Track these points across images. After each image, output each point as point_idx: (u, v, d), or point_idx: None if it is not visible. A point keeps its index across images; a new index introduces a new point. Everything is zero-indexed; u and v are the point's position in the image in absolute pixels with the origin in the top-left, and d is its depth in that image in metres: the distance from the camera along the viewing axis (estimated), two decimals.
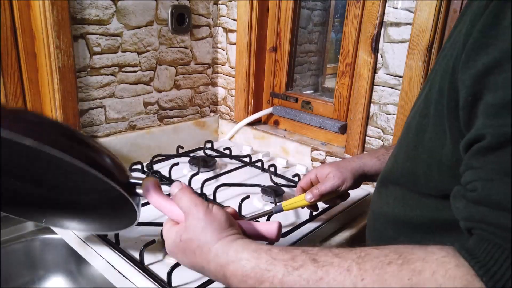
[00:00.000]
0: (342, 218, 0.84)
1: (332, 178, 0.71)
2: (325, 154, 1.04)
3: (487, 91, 0.35)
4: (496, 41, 0.35)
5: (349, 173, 0.71)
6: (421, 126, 0.48)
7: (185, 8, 1.11)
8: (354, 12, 0.94)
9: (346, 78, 0.99)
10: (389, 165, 0.57)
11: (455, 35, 0.45)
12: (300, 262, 0.39)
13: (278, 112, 1.18)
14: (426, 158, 0.47)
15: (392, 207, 0.54)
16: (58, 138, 0.46)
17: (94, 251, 0.69)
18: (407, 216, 0.51)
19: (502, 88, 0.34)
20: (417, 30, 0.82)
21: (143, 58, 1.06)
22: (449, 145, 0.43)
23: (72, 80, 0.92)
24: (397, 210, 0.53)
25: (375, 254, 0.37)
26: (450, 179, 0.43)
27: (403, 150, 0.52)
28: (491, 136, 0.34)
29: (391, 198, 0.55)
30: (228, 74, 1.25)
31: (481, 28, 0.37)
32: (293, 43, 1.14)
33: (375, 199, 0.60)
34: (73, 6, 0.90)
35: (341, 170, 0.71)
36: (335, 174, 0.71)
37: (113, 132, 1.06)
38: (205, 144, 1.13)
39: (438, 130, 0.44)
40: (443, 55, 0.46)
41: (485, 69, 0.35)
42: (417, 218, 0.50)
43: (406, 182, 0.52)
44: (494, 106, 0.34)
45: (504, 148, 0.33)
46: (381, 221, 0.57)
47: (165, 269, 0.61)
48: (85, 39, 0.94)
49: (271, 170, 0.95)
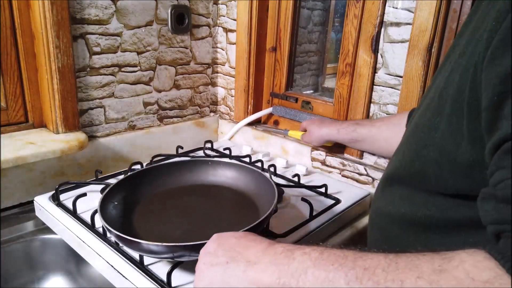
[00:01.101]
0: (342, 218, 0.84)
1: (307, 136, 1.00)
2: (325, 154, 1.04)
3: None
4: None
5: (315, 137, 0.98)
6: (432, 124, 0.47)
7: (185, 8, 1.11)
8: (354, 12, 0.94)
9: (346, 78, 0.99)
10: (395, 164, 0.56)
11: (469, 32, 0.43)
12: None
13: (278, 112, 1.18)
14: (437, 157, 0.46)
15: (398, 206, 0.53)
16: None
17: (94, 251, 0.69)
18: (414, 216, 0.50)
19: None
20: (417, 30, 0.82)
21: (142, 58, 1.06)
22: (466, 146, 0.41)
23: (72, 80, 0.92)
24: (403, 210, 0.52)
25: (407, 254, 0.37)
26: (465, 179, 0.42)
27: (412, 148, 0.51)
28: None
29: (397, 197, 0.54)
30: (228, 74, 1.25)
31: (509, 26, 0.36)
32: (293, 43, 1.14)
33: (379, 198, 0.59)
34: (72, 6, 0.89)
35: (312, 133, 0.98)
36: (308, 134, 1.00)
37: (112, 132, 1.06)
38: (205, 144, 1.13)
39: (453, 129, 0.43)
40: (459, 52, 0.44)
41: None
42: (425, 218, 0.49)
43: (413, 181, 0.51)
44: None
45: None
46: (386, 221, 0.56)
47: (165, 269, 0.61)
48: (84, 39, 0.94)
49: (271, 170, 0.95)
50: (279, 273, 0.42)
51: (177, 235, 0.68)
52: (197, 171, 0.83)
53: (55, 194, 0.82)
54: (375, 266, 0.36)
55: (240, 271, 0.45)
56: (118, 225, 0.67)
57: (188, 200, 0.78)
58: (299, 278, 0.40)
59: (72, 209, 0.78)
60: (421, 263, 0.35)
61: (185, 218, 0.73)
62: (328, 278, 0.38)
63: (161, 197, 0.78)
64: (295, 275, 0.41)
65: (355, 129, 0.88)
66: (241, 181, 0.80)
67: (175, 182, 0.81)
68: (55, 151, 0.87)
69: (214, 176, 0.82)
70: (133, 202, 0.75)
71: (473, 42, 0.41)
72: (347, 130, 0.89)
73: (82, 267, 0.88)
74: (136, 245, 0.58)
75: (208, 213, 0.74)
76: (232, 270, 0.46)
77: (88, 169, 1.01)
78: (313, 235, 0.76)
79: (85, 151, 0.97)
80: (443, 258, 0.34)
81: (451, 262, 0.33)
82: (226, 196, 0.78)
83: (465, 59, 0.42)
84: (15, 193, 0.91)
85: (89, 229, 0.73)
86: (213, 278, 0.47)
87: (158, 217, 0.73)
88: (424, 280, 0.33)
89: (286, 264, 0.42)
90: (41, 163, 0.92)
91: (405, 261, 0.35)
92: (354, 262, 0.38)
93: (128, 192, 0.75)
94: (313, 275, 0.39)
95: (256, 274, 0.44)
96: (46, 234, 0.87)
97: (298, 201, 0.85)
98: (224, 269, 0.46)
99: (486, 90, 0.37)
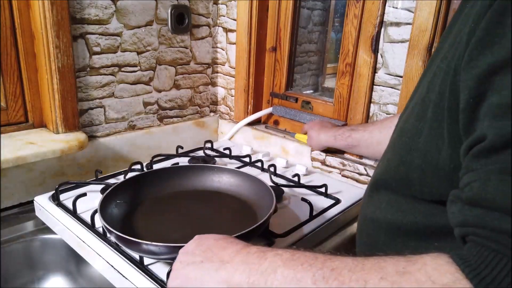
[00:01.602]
0: (342, 218, 0.84)
1: (309, 141, 1.03)
2: (325, 154, 1.04)
3: (491, 92, 0.34)
4: (501, 40, 0.34)
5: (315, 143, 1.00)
6: (416, 129, 0.46)
7: (185, 8, 1.11)
8: (354, 12, 0.94)
9: (346, 78, 0.99)
10: (382, 169, 0.55)
11: (453, 35, 0.43)
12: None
13: (278, 112, 1.18)
14: (421, 163, 0.45)
15: (385, 212, 0.52)
16: None
17: (94, 251, 0.69)
18: (401, 222, 0.49)
19: (508, 88, 0.32)
20: (417, 30, 0.82)
21: (142, 58, 1.06)
22: (447, 150, 0.41)
23: (72, 80, 0.92)
24: (390, 216, 0.51)
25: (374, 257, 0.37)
26: (447, 184, 0.42)
27: (397, 154, 0.50)
28: (493, 137, 0.32)
29: (384, 203, 0.53)
30: (228, 74, 1.25)
31: (486, 26, 0.36)
32: (293, 43, 1.14)
33: (367, 204, 0.58)
34: (72, 6, 0.89)
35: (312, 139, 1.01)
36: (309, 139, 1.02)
37: (112, 132, 1.06)
38: (204, 144, 1.12)
39: (435, 134, 0.43)
40: (442, 56, 0.44)
41: (490, 69, 0.34)
42: (411, 224, 0.48)
43: (399, 186, 0.50)
44: (500, 106, 0.33)
45: (507, 148, 0.32)
46: (373, 227, 0.55)
47: (165, 269, 0.61)
48: (84, 39, 0.94)
49: (271, 170, 0.95)
50: (249, 272, 0.42)
51: (174, 237, 0.68)
52: (202, 176, 0.84)
53: (55, 194, 0.82)
54: (342, 267, 0.37)
55: (213, 270, 0.45)
56: (118, 225, 0.67)
57: (189, 204, 0.78)
58: (268, 277, 0.41)
59: (72, 209, 0.78)
60: (387, 265, 0.35)
61: (184, 222, 0.73)
62: (296, 277, 0.39)
63: (163, 199, 0.79)
64: (265, 274, 0.41)
65: (350, 134, 0.90)
66: (243, 189, 0.81)
67: (178, 186, 0.82)
68: (55, 151, 0.87)
69: (218, 183, 0.83)
70: (135, 203, 0.75)
71: (454, 45, 0.41)
72: (343, 136, 0.91)
73: (82, 267, 0.88)
74: (135, 245, 0.58)
75: (208, 218, 0.75)
76: (205, 269, 0.46)
77: (88, 169, 1.01)
78: (313, 235, 0.76)
79: (85, 151, 0.97)
80: (408, 261, 0.34)
81: (414, 265, 0.34)
82: (227, 202, 0.79)
83: (446, 63, 0.41)
84: (15, 193, 0.91)
85: (89, 229, 0.73)
86: (186, 277, 0.47)
87: (158, 219, 0.73)
88: (387, 281, 0.34)
89: (257, 264, 0.42)
90: (41, 163, 0.92)
91: (371, 262, 0.36)
92: (323, 263, 0.38)
93: (131, 193, 0.76)
94: (282, 274, 0.40)
95: (227, 273, 0.44)
96: (46, 234, 0.87)
97: (298, 201, 0.85)
98: (198, 268, 0.47)
99: (463, 93, 0.37)
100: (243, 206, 0.78)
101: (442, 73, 0.42)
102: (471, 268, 0.31)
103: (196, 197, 0.81)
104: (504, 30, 0.34)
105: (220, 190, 0.82)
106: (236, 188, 0.82)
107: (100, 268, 0.69)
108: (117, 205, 0.72)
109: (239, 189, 0.81)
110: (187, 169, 0.85)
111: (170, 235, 0.69)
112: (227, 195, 0.81)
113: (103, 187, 0.85)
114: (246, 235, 0.59)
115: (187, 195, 0.81)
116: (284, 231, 0.73)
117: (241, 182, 0.82)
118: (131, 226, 0.70)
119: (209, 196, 0.81)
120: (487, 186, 0.32)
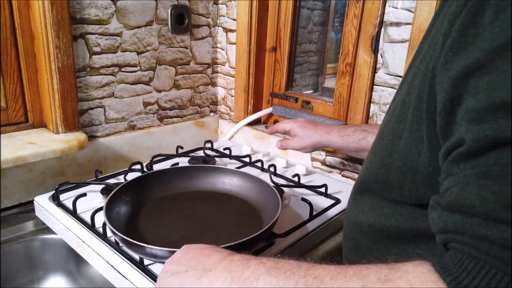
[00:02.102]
0: (342, 218, 0.84)
1: (297, 141, 0.85)
2: (325, 154, 1.04)
3: (467, 95, 0.33)
4: (475, 41, 0.33)
5: (311, 144, 0.84)
6: (396, 132, 0.45)
7: (185, 8, 1.11)
8: (354, 12, 0.94)
9: (346, 78, 0.99)
10: (364, 172, 0.54)
11: (431, 36, 0.42)
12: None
13: (278, 112, 1.18)
14: (401, 165, 0.44)
15: (368, 215, 0.52)
16: None
17: (94, 251, 0.69)
18: (383, 225, 0.49)
19: (484, 91, 0.32)
20: (417, 30, 0.82)
21: (142, 58, 1.06)
22: (426, 153, 0.41)
23: (72, 80, 0.92)
24: (373, 219, 0.51)
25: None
26: (425, 188, 0.42)
27: (378, 156, 0.49)
28: (471, 141, 0.32)
29: (367, 206, 0.52)
30: (228, 74, 1.25)
31: (460, 27, 0.35)
32: (293, 43, 1.14)
33: (351, 207, 0.57)
34: (72, 6, 0.89)
35: (307, 138, 0.84)
36: (300, 140, 0.85)
37: (112, 132, 1.06)
38: (204, 144, 1.12)
39: (415, 137, 0.42)
40: (421, 57, 0.43)
41: (465, 71, 0.33)
42: (393, 228, 0.48)
43: (380, 189, 0.49)
44: (476, 110, 0.32)
45: (485, 152, 0.31)
46: (356, 230, 0.55)
47: None
48: (84, 39, 0.94)
49: (271, 170, 0.95)
50: (231, 279, 0.42)
51: (175, 239, 0.68)
52: (205, 176, 0.84)
53: (55, 194, 0.82)
54: (325, 275, 0.37)
55: (196, 278, 0.45)
56: (122, 227, 0.68)
57: (193, 205, 0.78)
58: (250, 285, 0.40)
59: (72, 209, 0.78)
60: (369, 272, 0.35)
61: (188, 223, 0.73)
62: (279, 285, 0.39)
63: (167, 200, 0.79)
64: (247, 282, 0.41)
65: (364, 137, 0.78)
66: (247, 190, 0.80)
67: (181, 187, 0.82)
68: (55, 151, 0.87)
69: (222, 184, 0.83)
70: (139, 205, 0.75)
71: (432, 46, 0.40)
72: (353, 137, 0.79)
73: (82, 267, 0.88)
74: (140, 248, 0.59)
75: (212, 219, 0.75)
76: (189, 278, 0.46)
77: (88, 169, 1.01)
78: (313, 235, 0.77)
79: (85, 151, 0.97)
80: (390, 268, 0.34)
81: (397, 272, 0.34)
82: (231, 204, 0.79)
83: (424, 64, 0.41)
84: (15, 193, 0.91)
85: (89, 229, 0.73)
86: (169, 286, 0.47)
87: (162, 221, 0.73)
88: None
89: (240, 271, 0.42)
90: (41, 163, 0.92)
91: (354, 270, 0.36)
92: (306, 271, 0.38)
93: (134, 194, 0.76)
94: (264, 281, 0.40)
95: (209, 281, 0.44)
96: (46, 234, 0.87)
97: (298, 201, 0.85)
98: (182, 277, 0.47)
99: (439, 95, 0.37)
100: (247, 208, 0.77)
101: (421, 74, 0.41)
102: (452, 278, 0.30)
103: (200, 198, 0.81)
104: (477, 30, 0.34)
105: (224, 191, 0.82)
106: (239, 189, 0.81)
107: (100, 268, 0.69)
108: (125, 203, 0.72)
109: (243, 190, 0.81)
110: (189, 170, 0.85)
111: (174, 237, 0.69)
112: (231, 196, 0.81)
113: (104, 187, 0.85)
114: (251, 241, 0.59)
115: (190, 196, 0.81)
116: (284, 231, 0.73)
117: (245, 183, 0.81)
118: (135, 228, 0.70)
119: (213, 197, 0.81)
120: (466, 191, 0.32)
